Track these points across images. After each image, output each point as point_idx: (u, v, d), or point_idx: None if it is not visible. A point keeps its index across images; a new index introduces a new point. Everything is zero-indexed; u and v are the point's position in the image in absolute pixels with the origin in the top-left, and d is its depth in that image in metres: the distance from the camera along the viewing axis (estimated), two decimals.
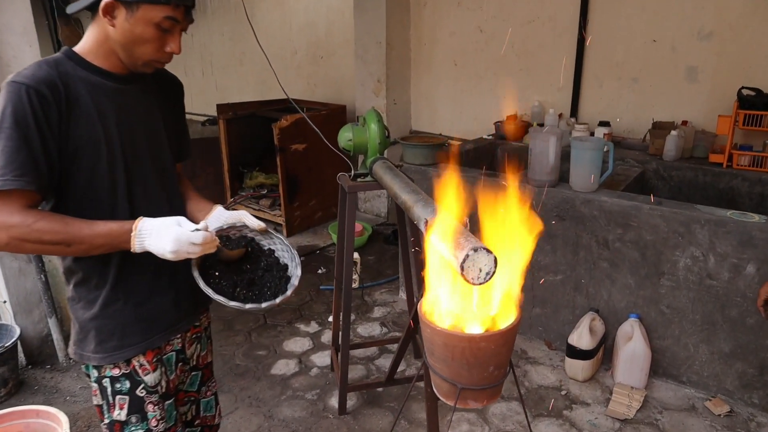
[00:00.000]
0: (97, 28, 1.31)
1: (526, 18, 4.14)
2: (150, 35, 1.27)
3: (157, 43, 1.30)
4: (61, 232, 1.23)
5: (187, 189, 1.67)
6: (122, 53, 1.31)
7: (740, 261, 2.41)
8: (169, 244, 1.27)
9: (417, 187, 1.79)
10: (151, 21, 1.26)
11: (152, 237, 1.27)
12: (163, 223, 1.29)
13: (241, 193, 5.31)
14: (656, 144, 3.49)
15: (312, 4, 5.64)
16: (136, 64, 1.34)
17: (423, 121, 5.05)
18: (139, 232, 1.28)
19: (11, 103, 1.19)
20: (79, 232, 1.25)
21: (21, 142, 1.19)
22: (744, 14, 3.28)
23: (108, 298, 1.41)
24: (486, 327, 1.37)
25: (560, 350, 3.03)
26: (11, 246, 1.22)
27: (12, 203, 1.21)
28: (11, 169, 1.19)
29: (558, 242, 2.93)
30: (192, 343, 1.64)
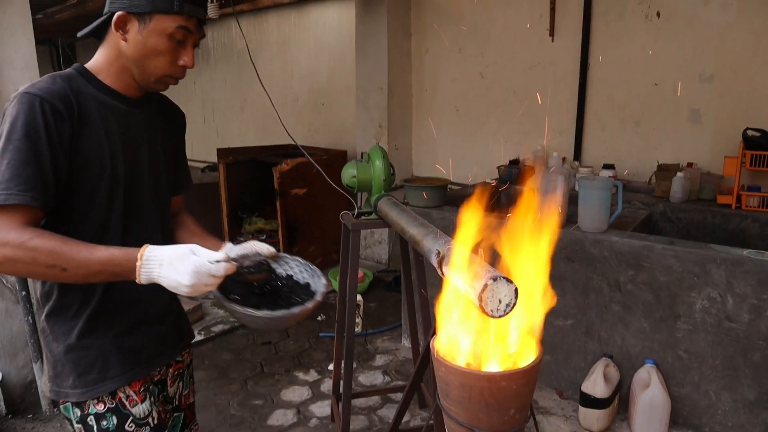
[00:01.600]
0: (108, 46, 1.30)
1: (527, 63, 4.17)
2: (163, 47, 1.25)
3: (170, 56, 1.28)
4: (57, 253, 1.12)
5: (191, 223, 1.61)
6: (135, 69, 1.28)
7: (761, 302, 2.31)
8: (186, 276, 1.13)
9: (425, 221, 1.71)
10: (164, 32, 1.24)
11: (164, 268, 1.14)
12: (175, 252, 1.15)
13: (240, 239, 5.21)
14: (662, 186, 3.43)
15: (314, 52, 5.72)
16: (149, 81, 1.31)
17: (424, 166, 5.02)
18: (146, 262, 1.15)
19: (23, 114, 1.14)
20: (77, 255, 1.13)
21: (30, 155, 1.13)
22: (744, 57, 3.29)
23: (86, 328, 1.30)
24: (505, 366, 1.27)
25: (572, 399, 2.88)
26: (4, 266, 1.12)
27: (12, 219, 1.12)
28: (17, 183, 1.12)
29: (567, 285, 2.83)
30: (174, 381, 1.53)
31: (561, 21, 3.97)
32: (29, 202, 1.13)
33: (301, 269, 1.53)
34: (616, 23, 3.74)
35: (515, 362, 1.27)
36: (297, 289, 1.47)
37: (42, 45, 8.04)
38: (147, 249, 1.17)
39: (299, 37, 5.85)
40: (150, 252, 1.16)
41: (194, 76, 7.35)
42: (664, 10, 3.53)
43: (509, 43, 4.22)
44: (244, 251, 1.43)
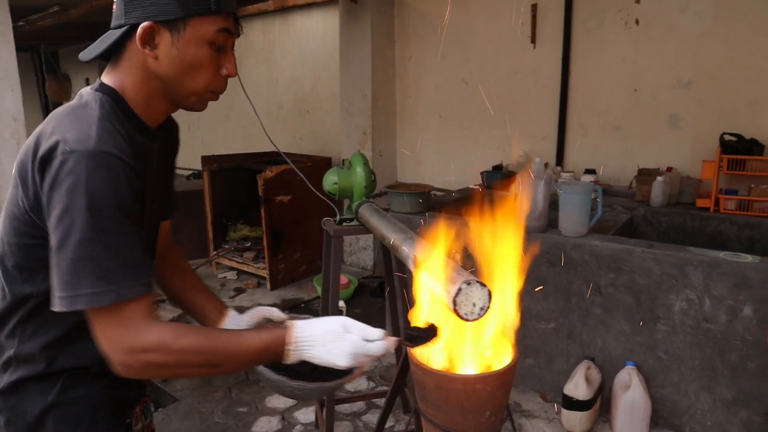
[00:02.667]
0: (131, 66, 1.05)
1: (509, 70, 4.22)
2: (205, 57, 1.04)
3: (212, 67, 1.06)
4: (207, 350, 1.00)
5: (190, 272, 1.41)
6: (171, 90, 1.06)
7: (737, 303, 2.35)
8: (343, 358, 1.04)
9: (404, 227, 1.73)
10: (204, 38, 1.03)
11: (317, 349, 1.05)
12: (328, 331, 1.06)
13: (225, 246, 5.20)
14: (642, 190, 3.48)
15: (298, 60, 5.73)
16: (189, 102, 1.09)
17: (409, 173, 5.05)
18: (298, 344, 1.05)
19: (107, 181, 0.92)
20: (227, 349, 1.02)
21: (132, 234, 0.97)
22: (720, 63, 3.35)
23: (71, 381, 1.12)
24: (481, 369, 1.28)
25: (555, 402, 2.91)
26: (146, 373, 0.98)
27: (138, 316, 0.96)
28: (131, 272, 0.96)
29: (549, 289, 2.86)
30: (140, 417, 1.34)
31: (542, 28, 4.02)
32: (148, 291, 0.98)
33: None
34: (596, 31, 3.80)
35: (491, 365, 1.29)
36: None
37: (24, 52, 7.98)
38: (296, 330, 1.06)
39: (284, 45, 5.87)
40: (301, 333, 1.06)
41: None
42: (643, 18, 3.60)
43: (492, 50, 4.26)
44: (255, 320, 1.33)
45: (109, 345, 0.96)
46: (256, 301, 4.55)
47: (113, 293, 0.94)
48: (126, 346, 0.96)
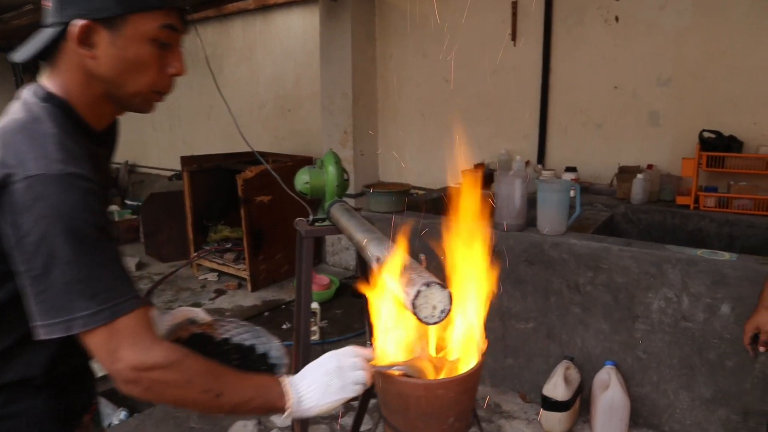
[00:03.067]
0: (70, 68, 0.99)
1: (490, 68, 4.18)
2: (148, 56, 0.98)
3: (156, 66, 1.00)
4: (214, 374, 0.97)
5: None
6: (115, 92, 1.00)
7: (714, 301, 2.33)
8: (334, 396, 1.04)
9: (372, 227, 1.68)
10: (146, 36, 0.96)
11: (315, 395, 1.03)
12: (325, 372, 1.05)
13: (205, 248, 5.14)
14: (623, 188, 3.47)
15: (279, 59, 5.67)
16: (133, 103, 1.03)
17: (391, 172, 5.00)
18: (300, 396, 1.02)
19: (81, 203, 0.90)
20: (230, 375, 0.99)
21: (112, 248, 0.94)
22: (699, 61, 3.34)
23: (14, 394, 1.05)
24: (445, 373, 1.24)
25: (535, 402, 2.88)
26: (152, 392, 0.94)
27: (141, 331, 0.93)
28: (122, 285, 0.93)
29: (528, 288, 2.83)
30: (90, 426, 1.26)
31: (523, 26, 3.99)
32: (141, 303, 0.95)
33: (240, 331, 1.41)
34: (576, 28, 3.78)
35: (456, 369, 1.25)
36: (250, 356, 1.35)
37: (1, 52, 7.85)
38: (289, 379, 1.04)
39: (265, 43, 5.80)
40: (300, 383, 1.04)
41: None
42: (623, 15, 3.58)
43: (473, 47, 4.23)
44: (177, 320, 1.31)
45: (113, 363, 0.92)
46: (236, 302, 4.49)
47: (108, 311, 0.91)
48: (133, 363, 0.92)
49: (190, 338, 1.38)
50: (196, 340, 1.38)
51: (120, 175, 7.94)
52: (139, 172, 7.94)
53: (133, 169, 8.00)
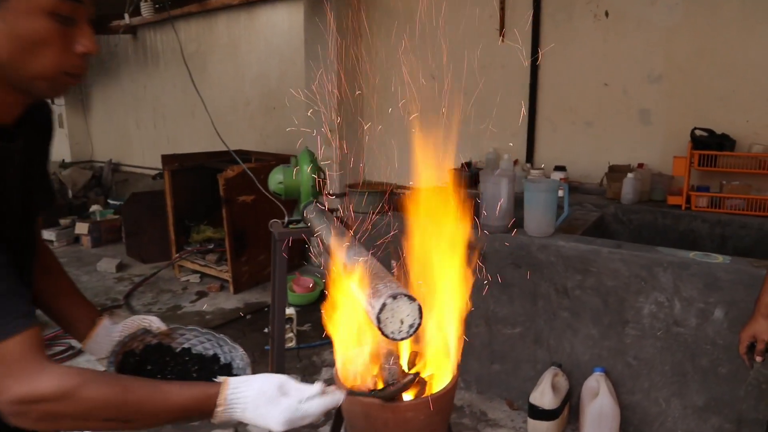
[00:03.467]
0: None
1: (477, 64, 4.08)
2: (45, 32, 0.85)
3: (59, 43, 0.87)
4: (119, 403, 0.87)
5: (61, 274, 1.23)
6: (12, 75, 0.87)
7: (707, 305, 2.24)
8: (279, 425, 0.95)
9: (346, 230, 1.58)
10: (39, 8, 0.83)
11: (248, 413, 0.96)
12: (263, 392, 0.96)
13: (187, 249, 5.01)
14: (613, 188, 3.38)
15: (264, 56, 5.55)
16: (38, 88, 0.90)
17: (377, 171, 4.89)
18: (230, 405, 0.95)
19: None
20: (146, 402, 0.90)
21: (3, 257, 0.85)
22: (691, 57, 3.25)
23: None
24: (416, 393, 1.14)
25: (522, 410, 2.78)
26: (44, 424, 0.84)
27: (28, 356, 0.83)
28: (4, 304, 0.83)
29: (515, 291, 2.73)
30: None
31: (511, 22, 3.89)
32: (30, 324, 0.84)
33: (201, 339, 1.32)
34: (565, 23, 3.68)
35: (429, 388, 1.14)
36: (211, 367, 1.26)
37: None
38: (228, 387, 0.96)
39: (249, 40, 5.67)
40: (234, 393, 0.96)
41: (144, 81, 7.10)
42: (613, 10, 3.48)
43: (459, 44, 4.12)
44: (129, 330, 1.23)
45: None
46: (218, 305, 4.37)
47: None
48: (18, 395, 0.81)
49: (145, 349, 1.27)
50: (152, 351, 1.28)
51: (104, 174, 7.79)
52: (123, 171, 7.79)
53: (117, 167, 7.85)
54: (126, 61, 7.30)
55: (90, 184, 7.58)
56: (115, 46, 7.31)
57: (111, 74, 7.56)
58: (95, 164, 8.18)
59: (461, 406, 2.88)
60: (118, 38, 7.11)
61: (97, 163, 8.19)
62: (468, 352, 2.94)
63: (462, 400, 2.92)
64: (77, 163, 8.01)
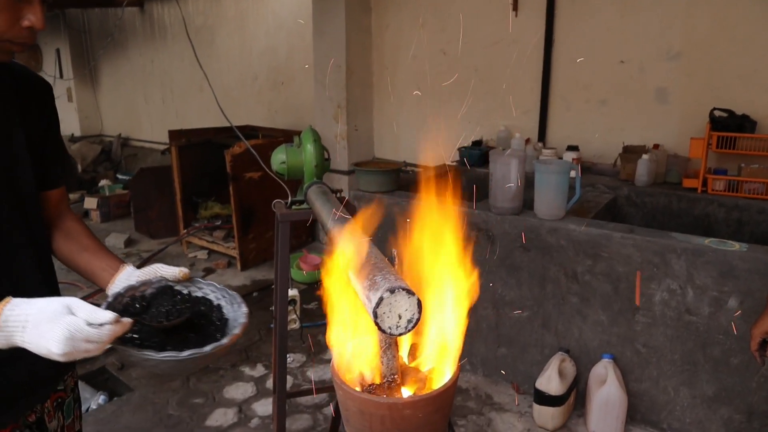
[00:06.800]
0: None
1: (490, 40, 3.97)
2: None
3: (7, 15, 0.95)
4: None
5: (81, 233, 1.30)
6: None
7: (721, 294, 2.17)
8: (57, 344, 0.86)
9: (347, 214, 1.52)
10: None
11: (27, 332, 0.88)
12: (44, 311, 0.88)
13: (195, 225, 4.99)
14: (627, 169, 3.29)
15: (272, 29, 5.44)
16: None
17: (386, 148, 4.82)
18: (5, 324, 0.88)
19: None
20: None
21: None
22: (711, 33, 3.13)
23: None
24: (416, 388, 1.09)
25: (528, 394, 2.75)
26: None
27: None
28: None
29: (523, 275, 2.68)
30: (54, 413, 1.25)
31: None
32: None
33: (217, 295, 1.28)
34: None
35: (429, 383, 1.10)
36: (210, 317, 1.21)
37: None
38: (7, 304, 0.90)
39: (257, 13, 5.56)
40: (11, 310, 0.89)
41: (152, 55, 7.02)
42: None
43: (471, 18, 4.01)
44: (145, 276, 1.19)
45: None
46: (225, 281, 4.35)
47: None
48: None
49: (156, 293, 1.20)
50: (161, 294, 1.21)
51: (113, 149, 7.77)
52: (132, 145, 7.76)
53: (126, 142, 7.83)
54: (133, 34, 7.22)
55: (99, 158, 7.58)
56: (121, 20, 7.21)
57: (119, 48, 7.48)
58: (104, 138, 8.16)
59: (466, 388, 2.86)
60: (125, 11, 7.02)
61: (106, 138, 8.17)
62: (474, 335, 2.90)
63: (468, 382, 2.90)
64: (86, 138, 8.00)
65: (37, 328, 0.87)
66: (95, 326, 0.89)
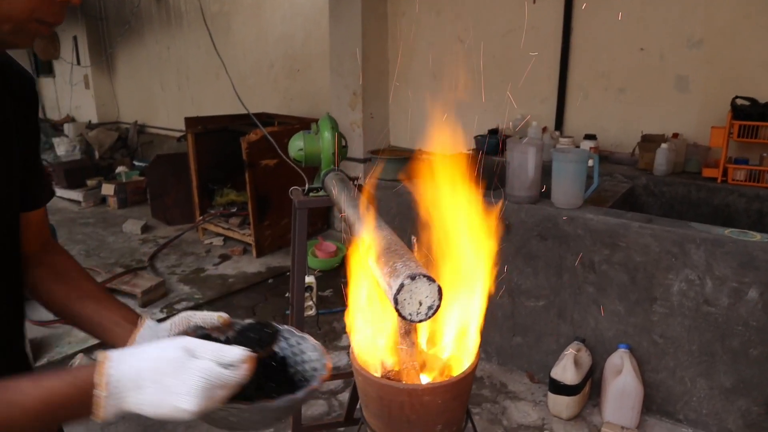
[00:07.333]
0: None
1: (506, 27, 3.93)
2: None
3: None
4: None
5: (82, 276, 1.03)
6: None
7: (741, 285, 2.15)
8: (192, 398, 0.69)
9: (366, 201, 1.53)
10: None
11: (146, 390, 0.69)
12: (161, 361, 0.71)
13: (210, 211, 5.02)
14: (645, 158, 3.25)
15: (288, 16, 5.43)
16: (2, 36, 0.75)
17: (402, 136, 4.80)
18: (116, 387, 0.69)
19: None
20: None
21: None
22: (735, 20, 3.07)
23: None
24: (435, 375, 1.10)
25: (543, 383, 2.75)
26: None
27: None
28: None
29: (540, 264, 2.67)
30: None
31: None
32: None
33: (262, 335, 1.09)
34: None
35: (448, 370, 1.10)
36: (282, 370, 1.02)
37: None
38: (109, 364, 0.71)
39: None
40: (116, 369, 0.70)
41: (168, 42, 7.04)
42: None
43: (488, 5, 3.97)
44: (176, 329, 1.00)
45: None
46: (240, 268, 4.39)
47: None
48: None
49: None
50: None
51: (129, 136, 7.83)
52: (149, 132, 7.82)
53: (143, 129, 7.88)
54: (150, 21, 7.24)
55: (116, 145, 7.64)
56: (137, 7, 7.24)
57: (135, 35, 7.51)
58: (121, 125, 8.22)
59: (481, 377, 2.86)
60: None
61: (123, 125, 8.23)
62: (490, 324, 2.90)
63: (482, 371, 2.90)
64: (103, 124, 8.06)
65: (160, 384, 0.69)
66: (228, 367, 0.73)
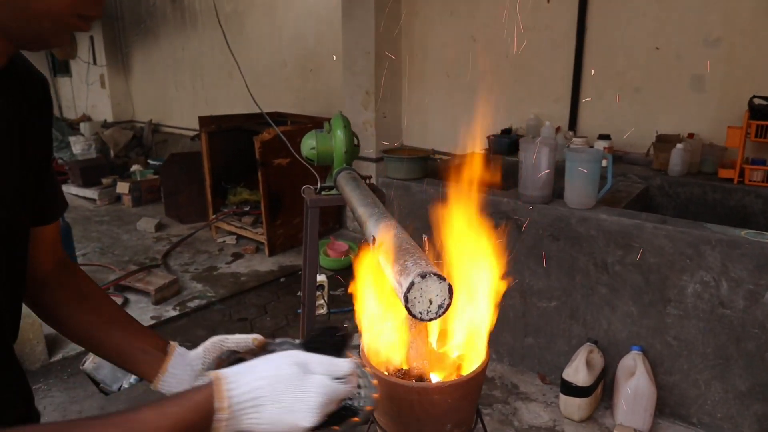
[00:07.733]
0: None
1: (521, 26, 3.91)
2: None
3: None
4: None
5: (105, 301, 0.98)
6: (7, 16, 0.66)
7: (757, 287, 2.12)
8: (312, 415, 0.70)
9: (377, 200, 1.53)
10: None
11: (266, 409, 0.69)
12: (278, 379, 0.71)
13: (223, 210, 5.05)
14: (660, 158, 3.22)
15: (301, 15, 5.44)
16: (38, 29, 0.69)
17: (414, 135, 4.80)
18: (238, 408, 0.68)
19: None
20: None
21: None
22: (753, 18, 3.03)
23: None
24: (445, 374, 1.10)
25: (555, 384, 2.73)
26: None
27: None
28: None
29: (552, 264, 2.65)
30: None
31: None
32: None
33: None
34: None
35: (457, 370, 1.10)
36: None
37: None
38: (227, 386, 0.69)
39: None
40: (235, 389, 0.69)
41: (182, 42, 7.09)
42: None
43: (502, 4, 3.95)
44: (213, 354, 1.00)
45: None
46: (252, 267, 4.41)
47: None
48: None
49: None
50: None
51: (144, 134, 7.90)
52: (163, 131, 7.88)
53: (157, 128, 7.94)
54: (164, 21, 7.29)
55: (131, 144, 7.70)
56: (153, 7, 7.30)
57: (150, 35, 7.57)
58: (136, 124, 8.29)
59: (492, 377, 2.85)
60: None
61: (138, 124, 8.30)
62: (501, 325, 2.89)
63: (494, 371, 2.89)
64: (118, 123, 8.14)
65: (280, 403, 0.69)
66: (340, 381, 0.74)
